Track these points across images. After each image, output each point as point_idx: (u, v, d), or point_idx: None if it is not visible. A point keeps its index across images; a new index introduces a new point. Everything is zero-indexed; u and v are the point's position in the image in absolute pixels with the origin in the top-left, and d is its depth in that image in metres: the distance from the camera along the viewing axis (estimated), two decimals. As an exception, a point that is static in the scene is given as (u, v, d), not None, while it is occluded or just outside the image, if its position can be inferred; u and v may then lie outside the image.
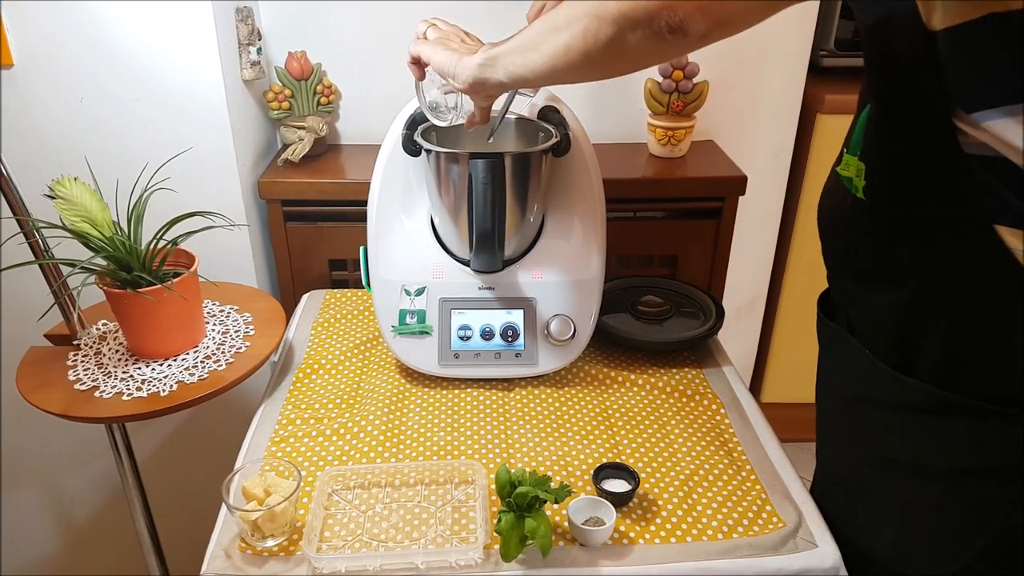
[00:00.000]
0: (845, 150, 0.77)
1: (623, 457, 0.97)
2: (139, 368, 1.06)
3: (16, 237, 1.02)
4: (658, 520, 0.87)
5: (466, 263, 1.10)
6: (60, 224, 1.00)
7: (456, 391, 1.10)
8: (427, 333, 1.09)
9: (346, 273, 1.50)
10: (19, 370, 1.06)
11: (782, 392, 1.98)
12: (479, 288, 1.10)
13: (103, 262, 1.03)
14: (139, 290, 1.00)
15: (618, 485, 0.89)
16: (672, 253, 1.53)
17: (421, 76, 0.94)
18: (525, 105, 1.11)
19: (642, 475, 0.93)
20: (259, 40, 1.39)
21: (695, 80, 1.47)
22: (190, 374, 1.05)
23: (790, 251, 1.78)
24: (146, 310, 1.03)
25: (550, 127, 1.06)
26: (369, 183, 1.11)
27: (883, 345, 0.74)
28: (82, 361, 1.08)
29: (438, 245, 1.11)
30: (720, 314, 1.22)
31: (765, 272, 1.84)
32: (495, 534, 0.80)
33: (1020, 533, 0.68)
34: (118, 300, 1.03)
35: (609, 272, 1.19)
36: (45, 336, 1.12)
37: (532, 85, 0.99)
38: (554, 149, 1.04)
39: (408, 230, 1.12)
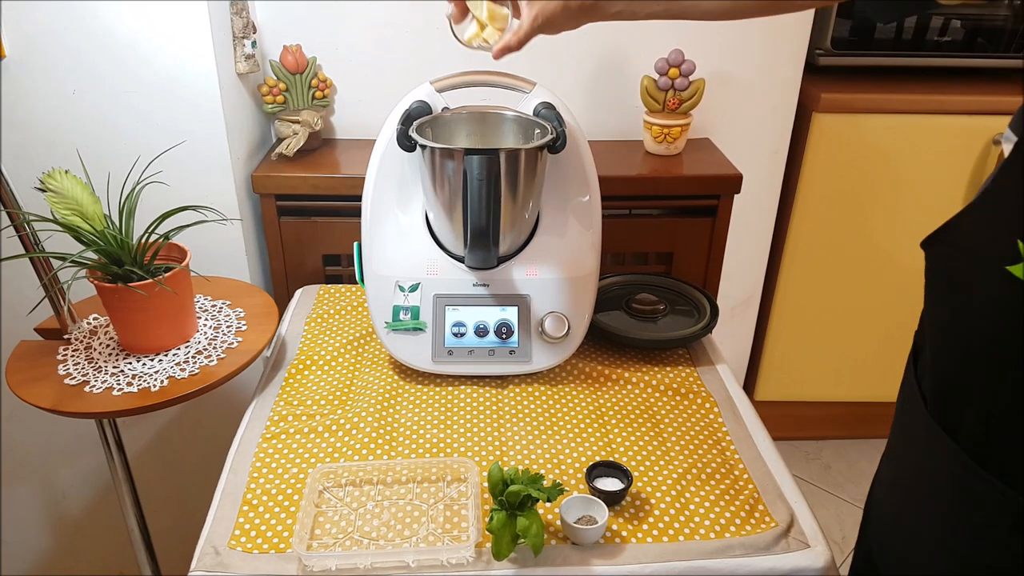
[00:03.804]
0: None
1: (616, 455, 0.96)
2: (130, 363, 1.05)
3: (7, 230, 1.02)
4: (650, 519, 0.87)
5: (461, 259, 1.09)
6: (51, 217, 0.99)
7: (449, 388, 1.09)
8: (421, 329, 1.09)
9: (340, 268, 1.50)
10: (8, 364, 1.05)
11: (776, 391, 1.98)
12: (473, 285, 1.09)
13: (94, 256, 1.02)
14: (130, 284, 1.00)
15: (611, 484, 0.89)
16: (667, 251, 1.53)
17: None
18: (520, 102, 1.11)
19: (635, 473, 0.92)
20: (254, 33, 1.38)
21: (691, 78, 1.47)
22: (181, 369, 1.04)
23: (785, 250, 1.78)
24: (137, 304, 1.02)
25: (546, 124, 1.05)
26: (363, 178, 1.10)
27: None
28: (72, 355, 1.07)
29: (433, 241, 1.11)
30: (715, 312, 1.22)
31: (760, 271, 1.84)
32: (487, 532, 0.80)
33: None
34: (109, 294, 1.02)
35: (604, 269, 1.19)
36: (35, 330, 1.11)
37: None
38: (550, 146, 1.03)
39: (402, 226, 1.11)
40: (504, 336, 1.09)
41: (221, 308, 1.19)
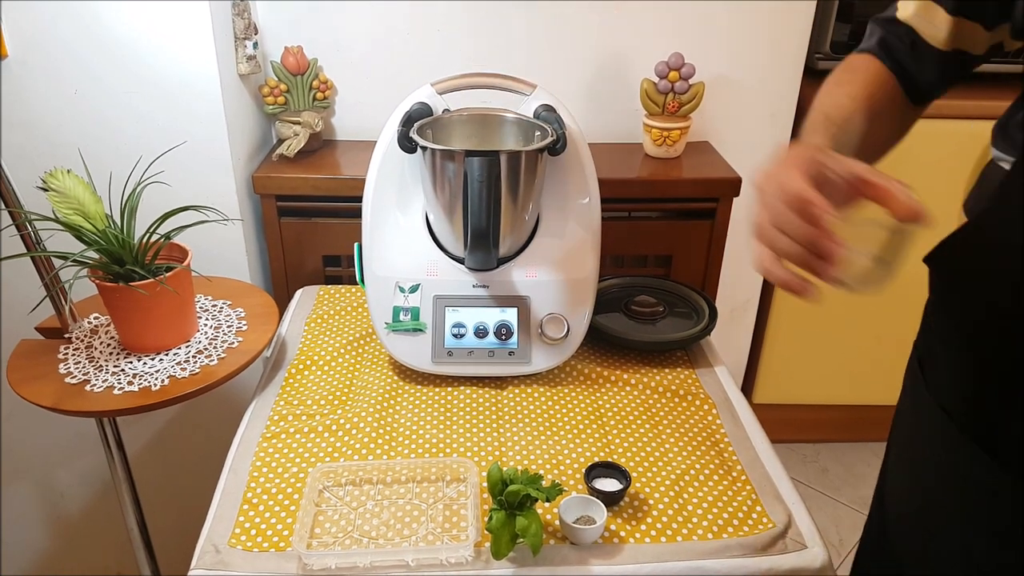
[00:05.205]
0: None
1: (615, 456, 0.97)
2: (130, 362, 1.06)
3: (8, 229, 1.02)
4: (649, 519, 0.87)
5: (461, 261, 1.10)
6: (53, 216, 1.00)
7: (449, 389, 1.10)
8: (421, 330, 1.09)
9: (340, 269, 1.50)
10: (9, 363, 1.06)
11: (774, 393, 1.98)
12: (473, 286, 1.10)
13: (95, 255, 1.02)
14: (131, 284, 1.00)
15: (609, 484, 0.90)
16: (667, 253, 1.54)
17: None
18: (520, 104, 1.11)
19: (633, 474, 0.93)
20: (255, 34, 1.38)
21: (691, 81, 1.48)
22: (182, 369, 1.04)
23: (784, 253, 1.79)
24: (138, 304, 1.02)
25: (546, 126, 1.06)
26: (364, 179, 1.11)
27: None
28: (73, 354, 1.08)
29: (433, 242, 1.11)
30: (713, 315, 1.22)
31: (758, 273, 1.85)
32: (486, 532, 0.80)
33: None
34: (110, 293, 1.02)
35: (603, 271, 1.19)
36: (36, 329, 1.12)
37: None
38: (550, 148, 1.04)
39: (403, 227, 1.12)
40: (503, 337, 1.09)
41: (222, 308, 1.19)
